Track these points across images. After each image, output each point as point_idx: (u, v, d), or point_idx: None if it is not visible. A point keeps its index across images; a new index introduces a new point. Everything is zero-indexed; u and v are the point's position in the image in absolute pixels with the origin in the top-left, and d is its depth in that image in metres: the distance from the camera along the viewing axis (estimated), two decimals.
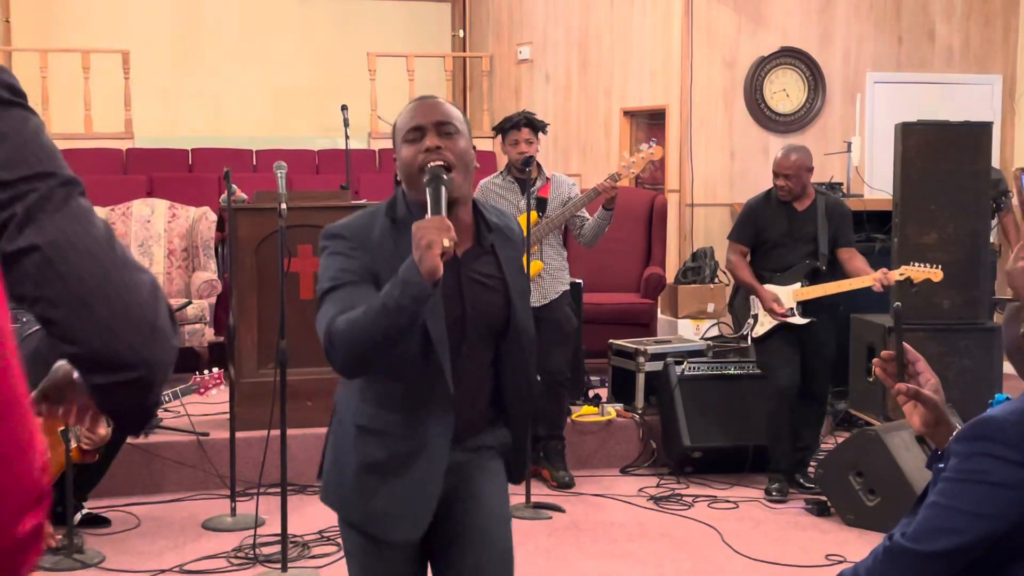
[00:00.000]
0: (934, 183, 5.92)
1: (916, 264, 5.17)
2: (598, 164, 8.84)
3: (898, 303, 2.21)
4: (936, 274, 5.09)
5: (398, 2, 12.02)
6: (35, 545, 0.80)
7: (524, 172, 5.33)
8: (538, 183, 5.34)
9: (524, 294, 2.51)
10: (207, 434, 5.38)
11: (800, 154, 5.29)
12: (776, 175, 5.30)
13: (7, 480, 0.77)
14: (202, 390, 5.00)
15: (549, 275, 5.38)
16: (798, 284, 5.26)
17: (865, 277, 5.11)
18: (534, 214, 5.29)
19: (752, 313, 5.37)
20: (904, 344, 1.96)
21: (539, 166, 5.38)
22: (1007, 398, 1.83)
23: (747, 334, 5.42)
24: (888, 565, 1.73)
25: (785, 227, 5.31)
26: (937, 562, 1.68)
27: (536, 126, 5.34)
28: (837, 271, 5.28)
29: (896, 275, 5.08)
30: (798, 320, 5.24)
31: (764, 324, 5.31)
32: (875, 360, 2.00)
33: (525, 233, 5.20)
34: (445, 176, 2.31)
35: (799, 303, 5.25)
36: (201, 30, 11.56)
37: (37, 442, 0.80)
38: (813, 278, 5.27)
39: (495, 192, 5.43)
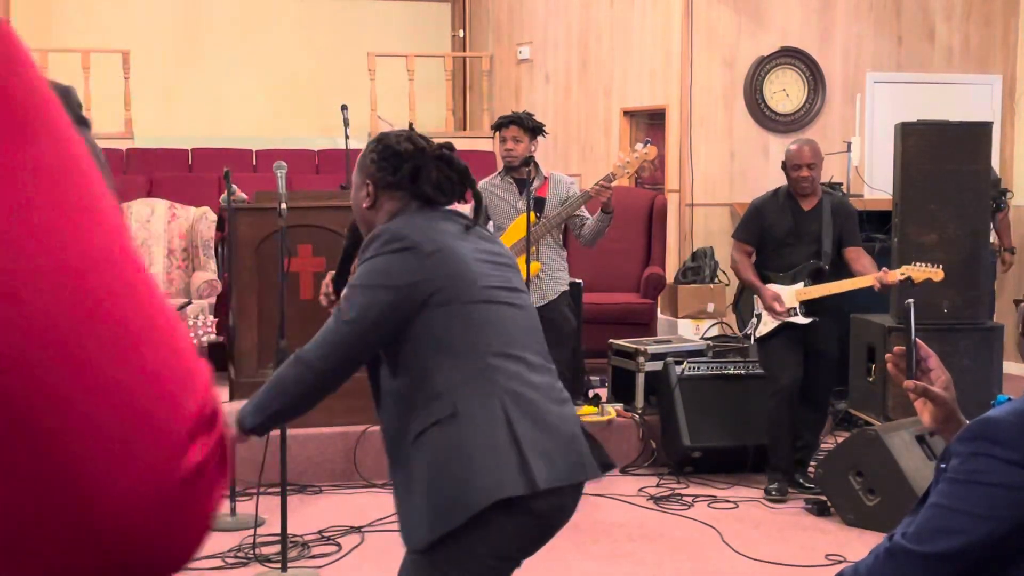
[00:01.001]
0: (934, 183, 5.92)
1: (917, 264, 5.17)
2: (598, 164, 8.84)
3: (911, 299, 2.19)
4: (937, 274, 5.08)
5: (398, 2, 12.02)
6: (213, 477, 0.75)
7: (517, 171, 5.34)
8: (535, 183, 5.31)
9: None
10: None
11: (814, 144, 5.35)
12: (798, 167, 5.25)
13: (154, 406, 0.72)
14: (192, 336, 5.03)
15: (547, 275, 5.37)
16: (801, 284, 5.25)
17: (866, 277, 5.11)
18: (532, 214, 5.28)
19: (756, 312, 5.36)
20: (917, 340, 1.96)
21: (536, 165, 5.36)
22: (1009, 398, 1.83)
23: (750, 333, 5.41)
24: (889, 565, 1.73)
25: (790, 226, 5.30)
26: (938, 563, 1.68)
27: (524, 124, 5.32)
28: (842, 271, 5.26)
29: (897, 275, 5.07)
30: (800, 320, 5.24)
31: (767, 324, 5.30)
32: (887, 356, 2.00)
33: (524, 233, 5.21)
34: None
35: (802, 303, 5.24)
36: (201, 30, 11.56)
37: (187, 353, 0.75)
38: (816, 278, 5.26)
39: (493, 193, 5.43)
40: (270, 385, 2.41)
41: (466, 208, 2.88)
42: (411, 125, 2.59)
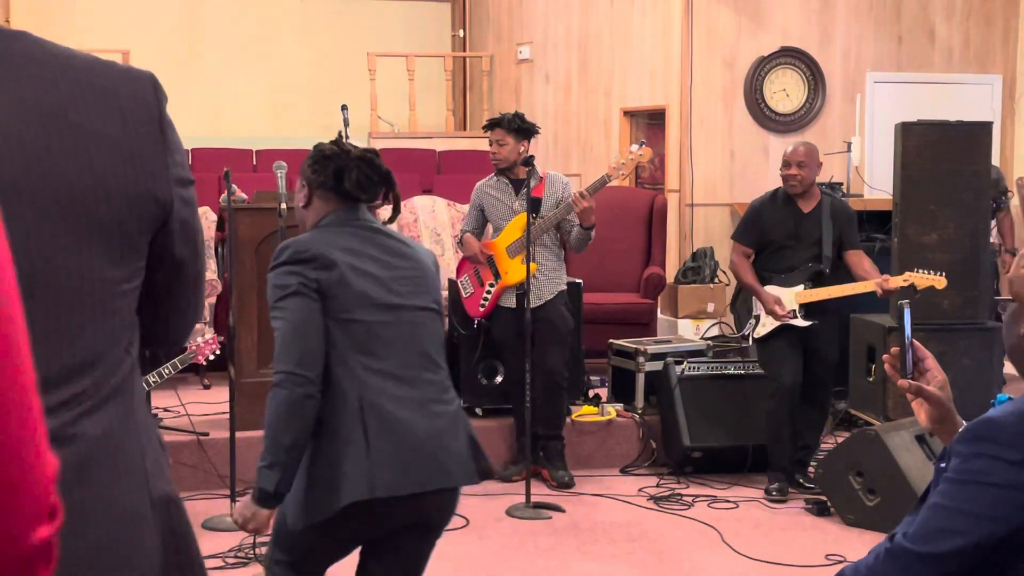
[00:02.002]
0: (934, 183, 5.91)
1: (920, 271, 5.16)
2: (598, 164, 8.84)
3: (904, 300, 2.21)
4: (940, 281, 5.07)
5: (398, 2, 12.03)
6: (46, 562, 0.77)
7: (511, 172, 5.35)
8: (532, 183, 5.30)
9: None
10: (207, 434, 5.38)
11: (809, 145, 5.34)
12: (788, 165, 5.26)
13: (19, 477, 0.73)
14: (199, 357, 5.04)
15: (544, 275, 5.36)
16: (801, 286, 5.25)
17: (868, 282, 5.11)
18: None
19: (754, 314, 5.36)
20: (913, 341, 1.96)
21: (532, 166, 5.36)
22: (1009, 398, 1.83)
23: (748, 334, 5.41)
24: (889, 566, 1.72)
25: (790, 228, 5.29)
26: (938, 564, 1.68)
27: (505, 126, 5.31)
28: (842, 274, 5.26)
29: (900, 281, 5.07)
30: (800, 322, 5.23)
31: (766, 325, 5.30)
32: (885, 356, 2.01)
33: (521, 233, 5.21)
34: None
35: (801, 305, 5.24)
36: (201, 30, 11.56)
37: (44, 443, 0.76)
38: (817, 281, 5.25)
39: (489, 194, 5.43)
40: (269, 433, 2.56)
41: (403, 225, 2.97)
42: (340, 133, 2.89)
